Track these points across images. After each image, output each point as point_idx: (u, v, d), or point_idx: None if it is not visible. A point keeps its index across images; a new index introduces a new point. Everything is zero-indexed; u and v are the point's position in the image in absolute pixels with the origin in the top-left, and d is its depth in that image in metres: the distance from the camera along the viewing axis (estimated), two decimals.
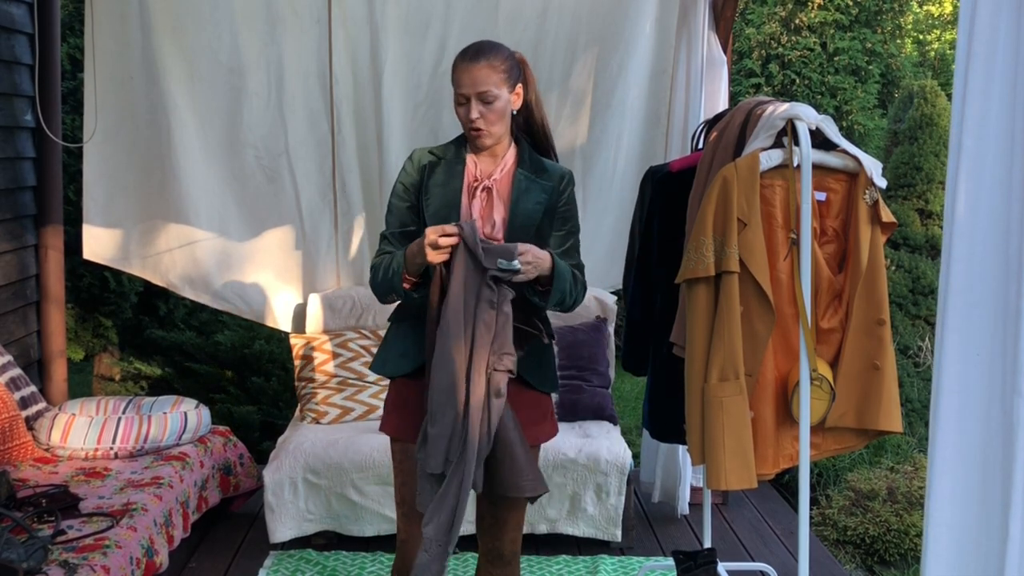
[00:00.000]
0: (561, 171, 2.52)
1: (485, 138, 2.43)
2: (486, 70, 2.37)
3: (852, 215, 2.71)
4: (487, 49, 2.40)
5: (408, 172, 2.52)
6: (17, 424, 3.43)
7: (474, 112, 2.38)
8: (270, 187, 4.33)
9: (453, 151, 2.51)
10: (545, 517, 3.72)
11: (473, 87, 2.37)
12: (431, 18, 4.18)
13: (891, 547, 4.22)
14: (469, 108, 2.39)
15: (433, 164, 2.49)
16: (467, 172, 2.48)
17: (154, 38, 4.07)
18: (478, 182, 2.46)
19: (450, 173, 2.47)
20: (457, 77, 2.39)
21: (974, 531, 1.95)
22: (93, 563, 2.65)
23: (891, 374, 2.71)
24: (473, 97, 2.38)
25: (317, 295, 4.31)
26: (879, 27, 9.04)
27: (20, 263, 4.14)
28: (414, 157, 2.53)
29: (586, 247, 4.37)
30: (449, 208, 2.43)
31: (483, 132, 2.42)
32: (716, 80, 4.01)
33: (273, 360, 5.79)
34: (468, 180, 2.47)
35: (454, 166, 2.48)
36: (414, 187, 2.50)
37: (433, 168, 2.49)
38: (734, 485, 2.58)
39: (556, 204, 2.49)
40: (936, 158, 6.59)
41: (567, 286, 2.41)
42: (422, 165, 2.50)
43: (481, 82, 2.36)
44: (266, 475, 3.63)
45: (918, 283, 6.28)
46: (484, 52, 2.39)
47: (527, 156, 2.51)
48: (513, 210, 2.44)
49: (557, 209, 2.49)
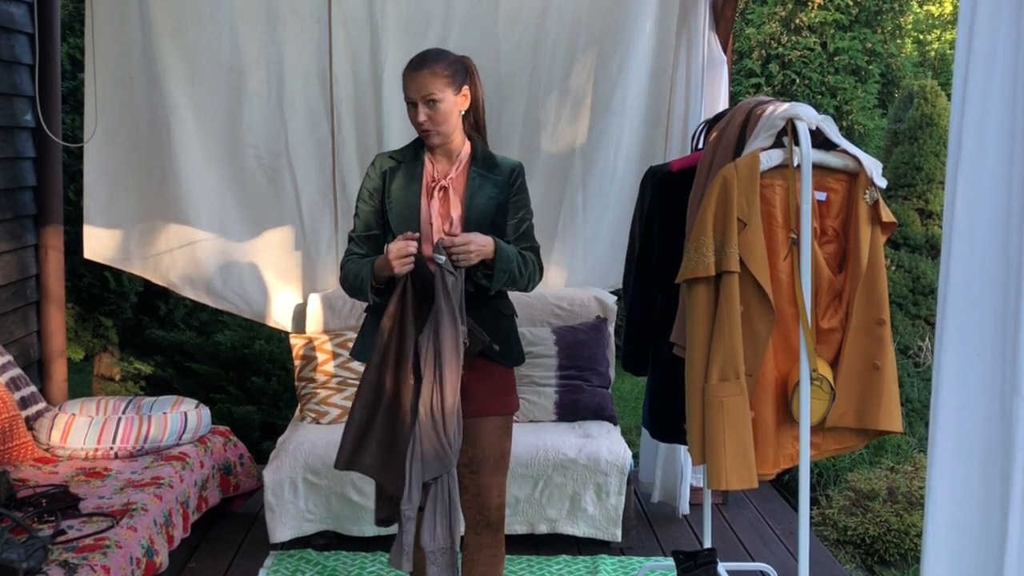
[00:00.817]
0: (511, 164, 2.73)
1: (434, 137, 2.64)
2: (429, 76, 2.57)
3: (852, 215, 2.71)
4: (430, 57, 2.61)
5: (371, 177, 2.73)
6: (17, 424, 3.43)
7: (421, 115, 2.59)
8: (270, 187, 4.33)
9: (412, 154, 2.73)
10: (545, 517, 3.72)
11: (418, 92, 2.58)
12: (431, 18, 4.18)
13: (891, 547, 4.22)
14: (417, 111, 2.60)
15: (394, 169, 2.71)
16: (425, 173, 2.69)
17: (154, 38, 4.07)
18: (435, 182, 2.68)
19: (410, 176, 2.69)
20: (404, 84, 2.62)
21: (974, 530, 1.95)
22: (93, 563, 2.65)
23: (891, 374, 2.71)
24: (419, 101, 2.59)
25: (317, 295, 4.31)
26: (879, 27, 9.04)
27: (20, 263, 4.14)
28: (376, 163, 2.75)
29: (586, 247, 4.44)
30: (410, 209, 2.66)
31: (431, 132, 2.62)
32: (716, 80, 4.01)
33: (273, 360, 5.79)
34: (427, 180, 2.68)
35: (413, 168, 2.70)
36: (377, 192, 2.72)
37: (394, 173, 2.70)
38: (734, 485, 2.58)
39: (508, 197, 2.70)
40: (936, 158, 6.59)
41: (513, 266, 2.62)
42: (383, 171, 2.72)
43: (424, 87, 2.57)
44: (266, 475, 3.63)
45: (918, 283, 6.28)
46: (427, 61, 2.60)
47: (479, 153, 2.71)
48: (468, 206, 2.65)
49: (509, 201, 2.70)
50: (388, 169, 2.70)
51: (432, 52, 2.65)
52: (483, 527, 2.72)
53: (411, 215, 2.64)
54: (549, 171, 4.37)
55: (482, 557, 2.74)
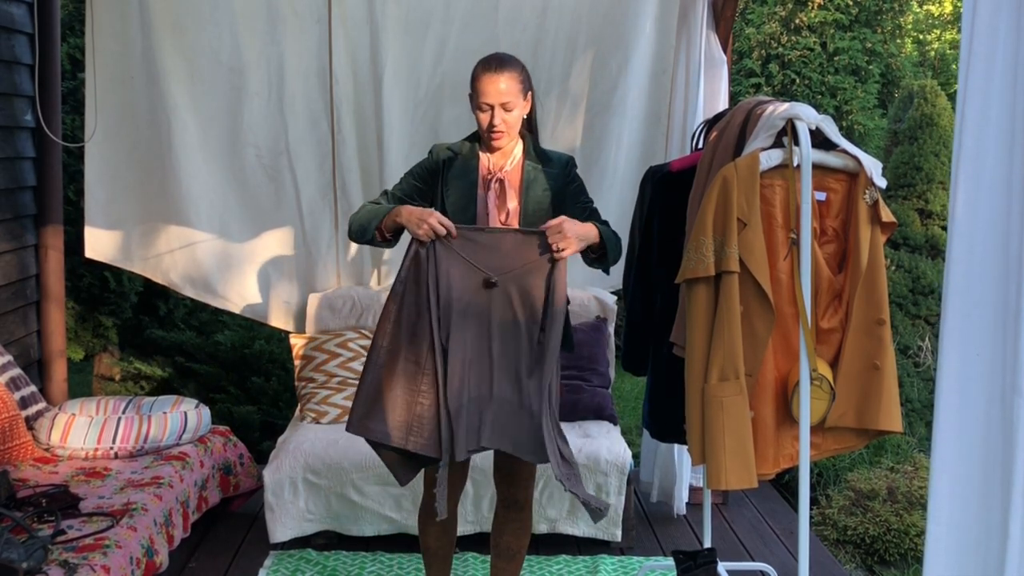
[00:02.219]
0: (563, 158, 2.82)
1: (502, 141, 2.71)
2: (509, 82, 2.64)
3: (852, 215, 2.71)
4: (508, 61, 2.67)
5: (428, 161, 2.81)
6: (17, 424, 3.43)
7: (496, 119, 2.65)
8: (271, 186, 4.33)
9: (468, 148, 2.80)
10: (545, 517, 3.72)
11: (498, 97, 2.63)
12: (431, 18, 4.18)
13: (891, 547, 4.22)
14: (492, 115, 2.65)
15: (451, 159, 2.78)
16: (481, 166, 2.76)
17: (154, 38, 4.07)
18: (491, 175, 2.74)
19: (466, 168, 2.76)
20: (481, 87, 2.64)
21: (974, 530, 1.95)
22: (93, 563, 2.65)
23: (891, 374, 2.71)
24: (496, 106, 2.64)
25: (317, 295, 4.31)
26: (879, 27, 9.04)
27: (20, 263, 4.14)
28: (434, 151, 2.82)
29: None
30: (467, 198, 2.74)
31: (502, 136, 2.69)
32: (716, 80, 4.01)
33: (273, 360, 5.79)
34: (482, 173, 2.76)
35: (469, 161, 2.77)
36: (432, 175, 2.79)
37: (451, 163, 2.77)
38: (734, 485, 2.58)
39: (565, 188, 2.78)
40: (936, 158, 6.59)
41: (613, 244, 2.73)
42: (442, 159, 2.79)
43: (505, 93, 2.63)
44: (266, 475, 3.63)
45: (918, 283, 6.28)
46: (507, 64, 2.65)
47: (532, 149, 2.79)
48: (525, 198, 2.74)
49: (567, 191, 2.79)
50: (446, 159, 2.77)
51: (507, 57, 2.69)
52: (511, 503, 2.89)
53: (468, 204, 2.73)
54: None
55: (509, 528, 2.92)
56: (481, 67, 2.67)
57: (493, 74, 2.62)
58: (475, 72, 2.68)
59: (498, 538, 2.94)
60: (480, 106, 2.66)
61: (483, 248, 2.62)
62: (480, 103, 2.66)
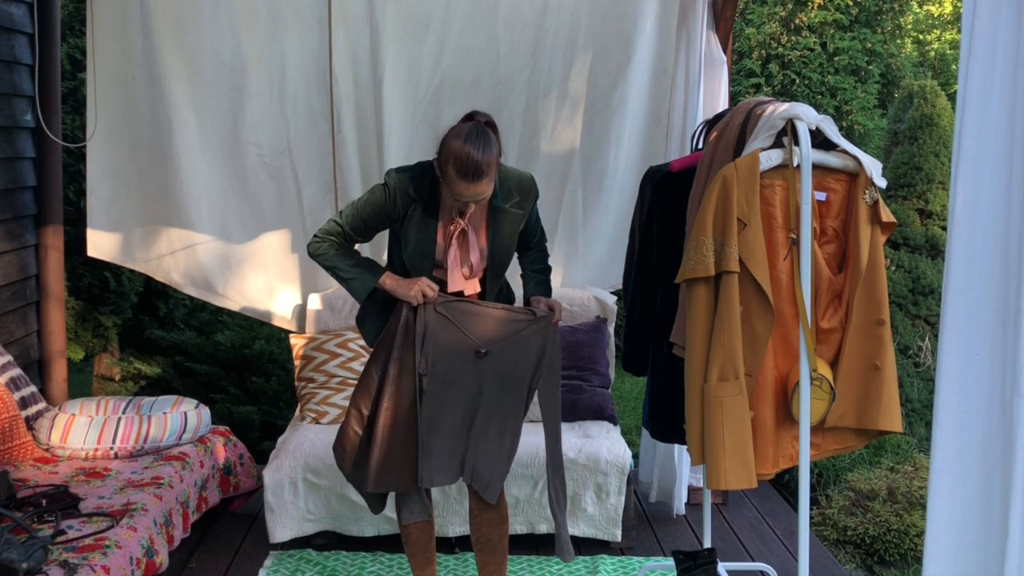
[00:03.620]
0: (526, 185, 2.85)
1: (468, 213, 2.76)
2: (486, 185, 2.65)
3: (852, 215, 2.71)
4: (484, 165, 2.60)
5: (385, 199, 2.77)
6: (17, 424, 3.43)
7: (470, 209, 2.71)
8: (272, 184, 4.34)
9: (427, 192, 2.75)
10: (545, 517, 3.72)
11: (474, 199, 2.66)
12: (431, 18, 4.18)
13: (891, 547, 4.22)
14: (465, 205, 2.69)
15: (412, 204, 2.76)
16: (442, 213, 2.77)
17: (155, 37, 4.07)
18: (456, 227, 2.76)
19: (426, 217, 2.76)
20: (458, 191, 2.63)
21: (974, 529, 1.95)
22: (93, 563, 2.65)
23: (891, 374, 2.71)
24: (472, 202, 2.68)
25: (317, 295, 4.31)
26: (879, 27, 9.04)
27: (20, 263, 4.14)
28: (391, 186, 2.75)
29: (586, 247, 4.44)
30: (424, 252, 2.78)
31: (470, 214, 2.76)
32: (716, 80, 4.01)
33: (273, 360, 5.79)
34: (443, 222, 2.78)
35: (429, 209, 2.76)
36: (392, 214, 2.78)
37: (412, 211, 2.76)
38: (734, 485, 2.58)
39: (528, 223, 2.90)
40: (936, 158, 6.58)
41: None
42: (401, 204, 2.76)
43: (482, 194, 2.66)
44: (266, 475, 3.63)
45: (918, 283, 6.28)
46: (482, 169, 2.60)
47: (497, 185, 2.76)
48: (492, 246, 2.81)
49: (529, 226, 2.91)
50: (408, 207, 2.76)
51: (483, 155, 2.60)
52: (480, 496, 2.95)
53: (425, 256, 2.79)
54: (548, 171, 4.37)
55: (484, 520, 2.99)
56: (459, 174, 2.60)
57: (472, 182, 2.61)
58: (451, 174, 2.61)
59: (477, 532, 3.01)
60: (453, 195, 2.66)
61: (474, 317, 2.78)
62: (454, 194, 2.65)
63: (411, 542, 3.05)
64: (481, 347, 2.77)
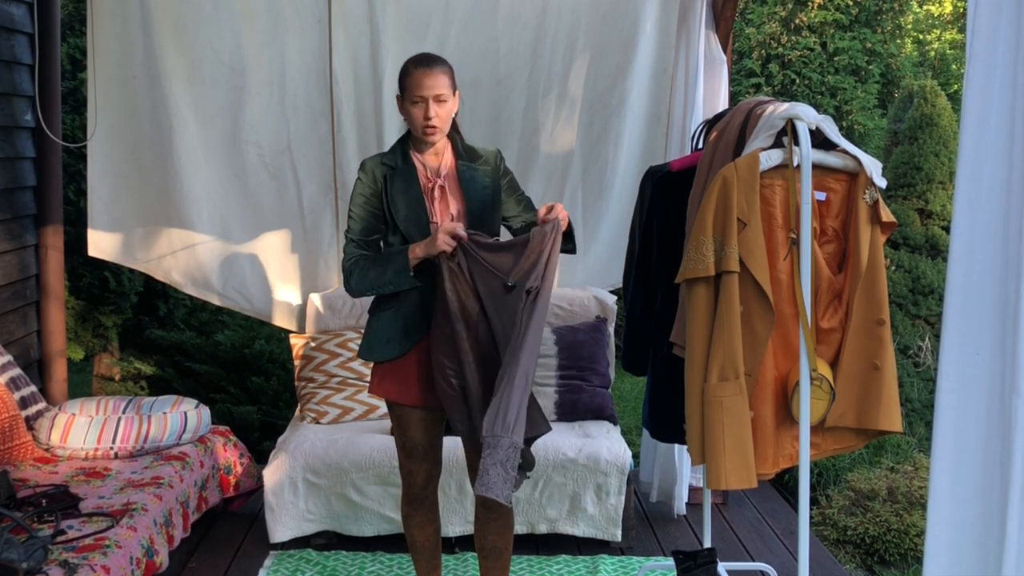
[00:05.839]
0: (492, 151, 2.89)
1: (436, 135, 2.74)
2: (441, 77, 2.69)
3: (852, 215, 2.71)
4: (438, 59, 2.72)
5: (365, 183, 2.78)
6: (17, 424, 3.43)
7: (431, 112, 2.68)
8: (272, 183, 4.34)
9: (400, 157, 2.80)
10: (545, 517, 3.72)
11: (432, 90, 2.67)
12: (431, 18, 4.18)
13: (891, 547, 4.21)
14: (426, 108, 2.68)
15: (390, 174, 2.77)
16: (419, 175, 2.79)
17: (155, 37, 4.07)
18: (432, 183, 2.78)
19: (407, 179, 2.77)
20: (414, 81, 2.68)
21: (974, 530, 1.96)
22: (93, 563, 2.65)
23: (891, 374, 2.71)
24: (430, 99, 2.67)
25: (317, 295, 4.31)
26: (879, 27, 9.04)
27: (20, 263, 4.14)
28: (367, 168, 2.79)
29: (586, 247, 4.44)
30: (417, 212, 2.75)
31: (436, 130, 2.72)
32: (716, 80, 4.01)
33: (273, 360, 5.79)
34: (423, 182, 2.78)
35: (407, 172, 2.77)
36: (375, 196, 2.77)
37: (391, 178, 2.76)
38: (734, 485, 2.58)
39: (499, 182, 2.86)
40: (936, 158, 6.58)
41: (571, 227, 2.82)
42: (381, 176, 2.77)
43: (437, 86, 2.67)
44: (266, 475, 3.63)
45: (918, 283, 6.27)
46: (436, 60, 2.71)
47: (460, 147, 2.85)
48: (467, 199, 2.79)
49: (502, 185, 2.87)
50: (385, 175, 2.76)
51: (433, 55, 2.75)
52: (489, 503, 2.87)
53: (420, 216, 2.75)
54: (548, 171, 4.37)
55: (491, 528, 2.92)
56: (412, 64, 2.71)
57: (426, 69, 2.67)
58: (406, 69, 2.71)
59: (482, 539, 2.95)
60: (413, 99, 2.68)
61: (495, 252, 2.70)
62: (413, 97, 2.68)
63: (418, 549, 3.01)
64: (508, 280, 2.68)
